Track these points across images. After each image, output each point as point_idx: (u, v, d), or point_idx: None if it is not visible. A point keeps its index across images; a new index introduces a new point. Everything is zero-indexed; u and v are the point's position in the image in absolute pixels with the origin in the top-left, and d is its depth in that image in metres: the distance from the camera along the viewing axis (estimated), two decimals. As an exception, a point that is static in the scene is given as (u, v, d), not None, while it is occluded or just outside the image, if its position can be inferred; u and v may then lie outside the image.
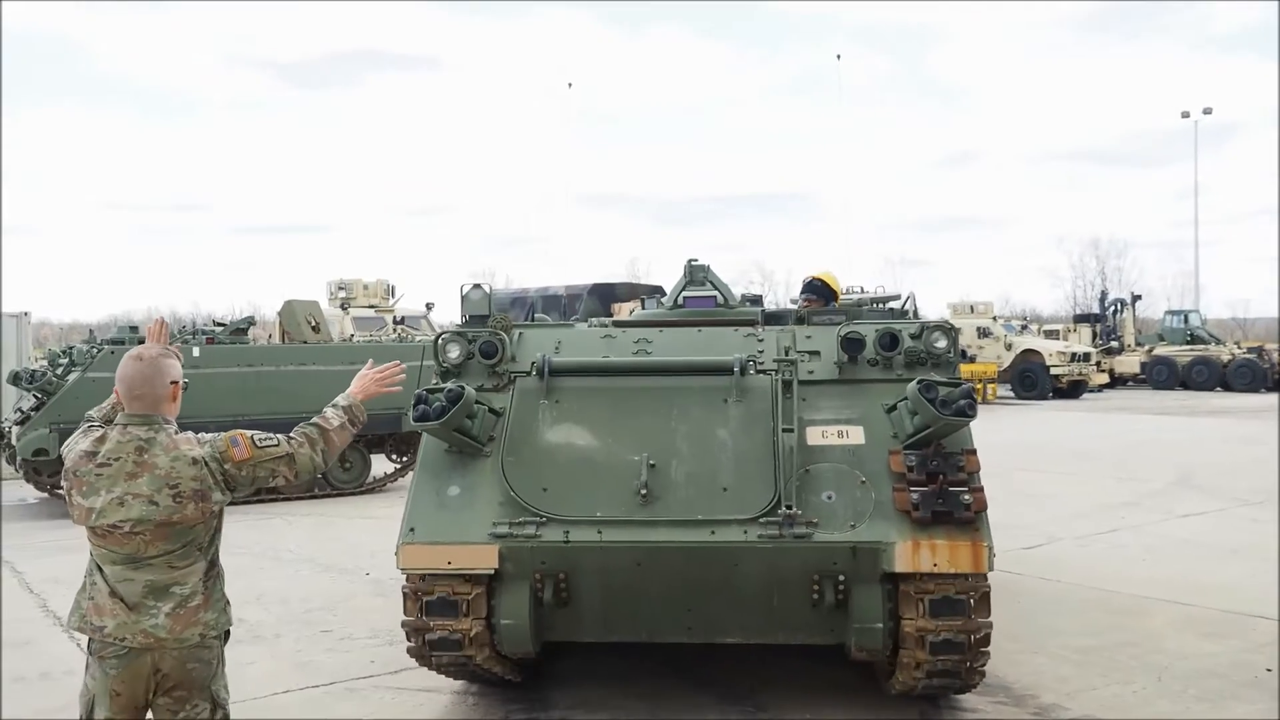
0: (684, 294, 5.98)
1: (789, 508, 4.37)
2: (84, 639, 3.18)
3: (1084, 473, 13.30)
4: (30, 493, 12.42)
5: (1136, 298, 38.72)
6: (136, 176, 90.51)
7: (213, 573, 3.20)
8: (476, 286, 5.32)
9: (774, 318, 5.71)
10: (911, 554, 4.25)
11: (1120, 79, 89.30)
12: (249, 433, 3.22)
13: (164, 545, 3.04)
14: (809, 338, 5.05)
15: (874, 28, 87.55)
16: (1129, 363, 33.20)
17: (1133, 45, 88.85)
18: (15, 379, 11.66)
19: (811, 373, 4.89)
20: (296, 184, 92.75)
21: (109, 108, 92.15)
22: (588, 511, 4.49)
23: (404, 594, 4.60)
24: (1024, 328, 33.51)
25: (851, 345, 4.84)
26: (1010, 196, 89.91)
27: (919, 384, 4.36)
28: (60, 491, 11.19)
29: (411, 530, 4.51)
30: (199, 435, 3.19)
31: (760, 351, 4.97)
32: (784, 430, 4.57)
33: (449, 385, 4.65)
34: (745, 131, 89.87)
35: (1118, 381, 32.90)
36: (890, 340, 4.85)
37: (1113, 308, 37.56)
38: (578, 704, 5.10)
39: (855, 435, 4.63)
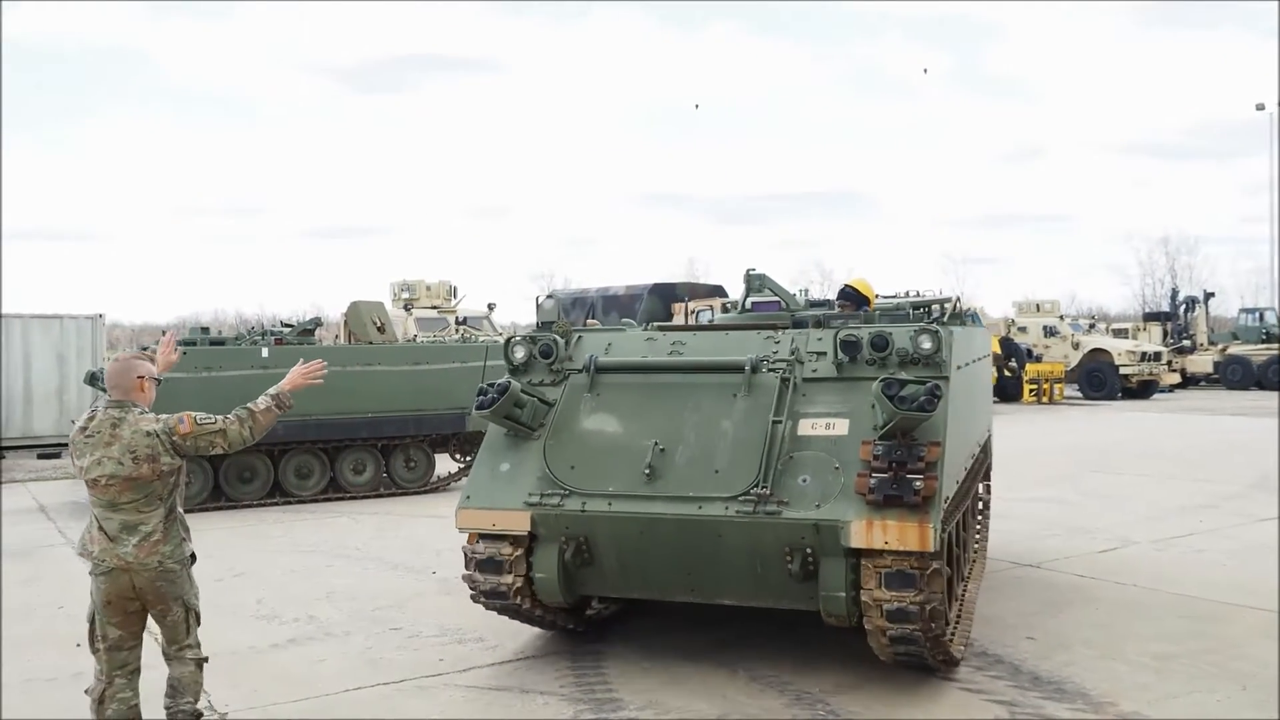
0: (750, 300, 6.77)
1: (761, 488, 5.01)
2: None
3: (1158, 475, 12.97)
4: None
5: (1209, 295, 37.66)
6: (202, 182, 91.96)
7: (171, 517, 4.14)
8: (550, 297, 6.03)
9: (801, 322, 6.19)
10: (865, 532, 4.82)
11: (1188, 71, 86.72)
12: (193, 413, 4.15)
13: (130, 495, 4.04)
14: (819, 340, 5.61)
15: (932, 23, 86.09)
16: (1202, 362, 32.36)
17: (1201, 36, 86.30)
18: (92, 379, 11.99)
19: (815, 371, 5.49)
20: (358, 187, 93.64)
21: (175, 115, 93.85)
22: (602, 487, 5.32)
23: (463, 550, 5.59)
24: (1092, 326, 32.84)
25: (848, 347, 5.39)
26: (1076, 192, 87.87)
27: (881, 382, 4.90)
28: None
29: (468, 497, 5.52)
30: (157, 415, 4.14)
31: (775, 352, 5.60)
32: (773, 421, 5.24)
33: (500, 380, 5.57)
34: (803, 128, 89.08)
35: (1190, 381, 32.10)
36: (881, 342, 5.33)
37: (1184, 305, 36.66)
38: (646, 704, 5.09)
39: (840, 427, 5.21)
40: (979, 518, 8.27)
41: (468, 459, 13.15)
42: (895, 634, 4.93)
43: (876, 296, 7.62)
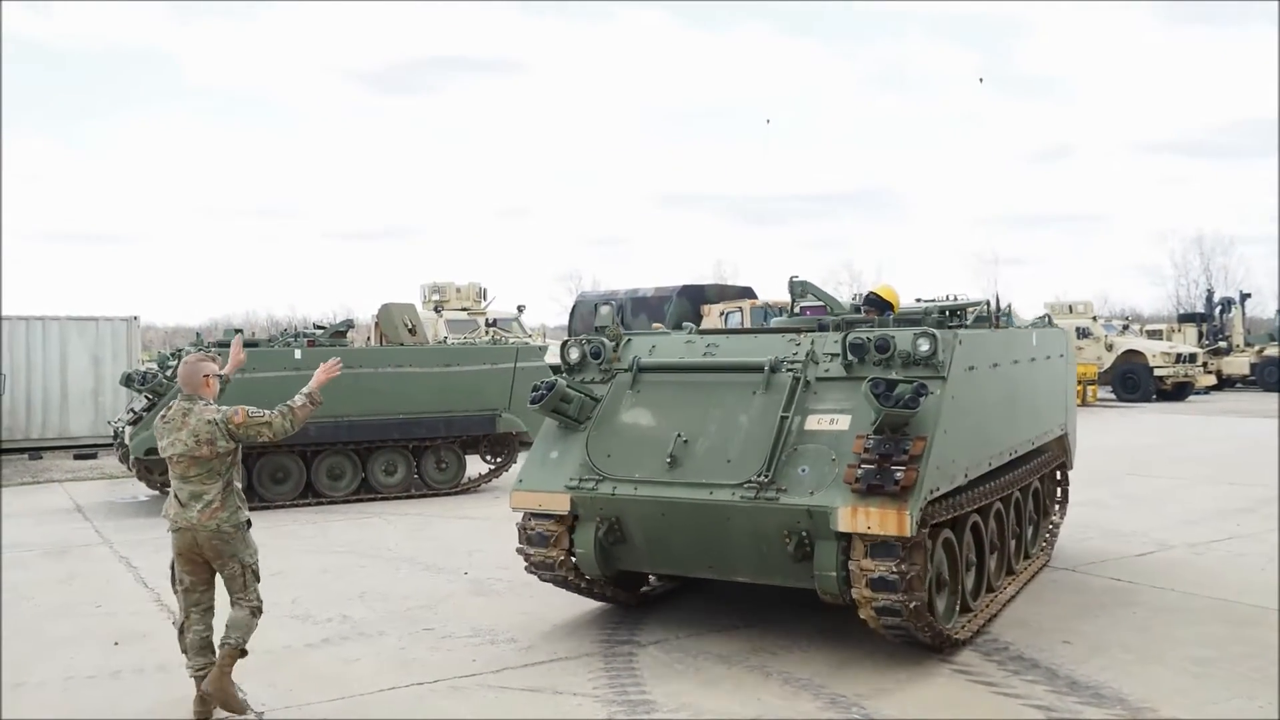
0: (799, 305, 7.47)
1: (763, 476, 5.51)
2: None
3: (1195, 478, 12.82)
4: (141, 490, 12.87)
5: (1245, 296, 37.10)
6: (231, 184, 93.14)
7: (228, 489, 5.04)
8: (607, 304, 7.09)
9: (825, 326, 6.70)
10: (851, 517, 5.27)
11: (1219, 68, 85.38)
12: (246, 408, 5.03)
13: (196, 470, 4.99)
14: (835, 342, 6.00)
15: (959, 21, 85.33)
16: (1238, 364, 31.92)
17: (1229, 32, 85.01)
18: (128, 381, 12.08)
19: (827, 371, 5.95)
20: (384, 189, 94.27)
21: (203, 117, 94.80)
22: (631, 473, 5.93)
23: (517, 526, 6.33)
24: (1125, 327, 32.47)
25: (855, 349, 5.82)
26: (1107, 192, 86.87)
27: (869, 381, 5.36)
28: (170, 489, 11.64)
29: (520, 481, 6.25)
30: (219, 407, 5.04)
31: (794, 354, 6.06)
32: (782, 416, 5.71)
33: (549, 379, 6.26)
34: (831, 128, 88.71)
35: (1225, 383, 31.67)
36: (884, 344, 5.76)
37: (1220, 306, 36.15)
38: (680, 707, 5.08)
39: (842, 423, 5.65)
40: (1051, 519, 8.52)
41: (498, 460, 13.20)
42: (884, 622, 5.44)
43: (919, 300, 7.95)
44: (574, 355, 6.63)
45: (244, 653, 5.03)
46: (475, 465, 13.26)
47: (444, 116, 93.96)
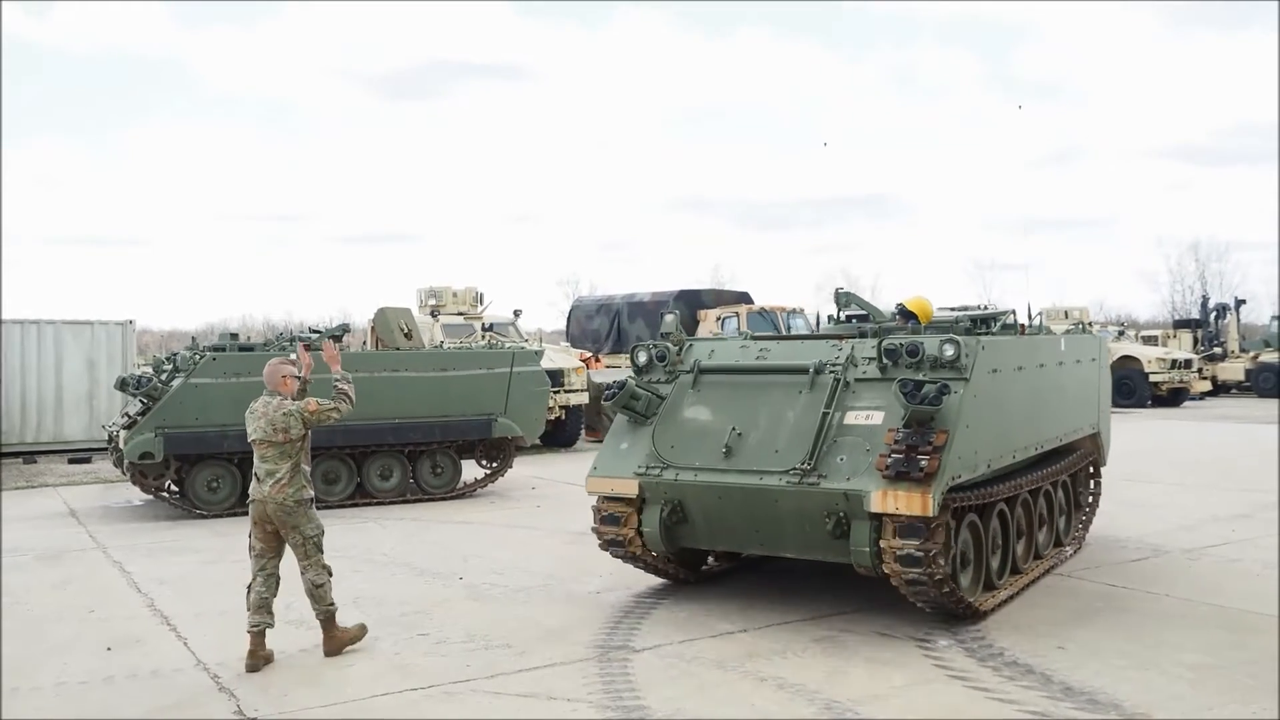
0: (844, 314, 8.32)
1: (806, 464, 6.24)
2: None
3: (1189, 483, 12.84)
4: (136, 495, 12.83)
5: (1241, 302, 37.19)
6: (235, 188, 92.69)
7: (296, 469, 6.00)
8: (673, 313, 7.82)
9: (864, 333, 7.34)
10: (882, 500, 5.97)
11: (1221, 72, 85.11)
12: (317, 399, 6.11)
13: (271, 452, 5.97)
14: (872, 347, 6.69)
15: (963, 25, 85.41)
16: (1233, 369, 31.96)
17: (1232, 36, 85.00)
18: (123, 385, 12.04)
19: (864, 373, 6.64)
20: (390, 194, 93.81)
21: (210, 122, 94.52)
22: (691, 461, 6.71)
23: (592, 508, 7.16)
24: (1121, 333, 32.50)
25: (889, 354, 6.53)
26: (1108, 197, 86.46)
27: (898, 382, 6.09)
28: (164, 494, 11.61)
29: (595, 468, 7.06)
30: (294, 401, 6.08)
31: (836, 358, 6.75)
32: (823, 412, 6.42)
33: (620, 379, 7.11)
34: (833, 133, 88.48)
35: (1220, 389, 31.72)
36: (914, 349, 6.46)
37: (1215, 312, 36.22)
38: (674, 712, 5.07)
39: (876, 418, 6.34)
40: (1083, 513, 9.14)
41: (494, 465, 13.18)
42: (911, 591, 6.12)
43: (957, 308, 8.74)
44: (642, 359, 7.41)
45: (334, 609, 6.06)
46: (471, 470, 13.24)
47: (450, 122, 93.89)
